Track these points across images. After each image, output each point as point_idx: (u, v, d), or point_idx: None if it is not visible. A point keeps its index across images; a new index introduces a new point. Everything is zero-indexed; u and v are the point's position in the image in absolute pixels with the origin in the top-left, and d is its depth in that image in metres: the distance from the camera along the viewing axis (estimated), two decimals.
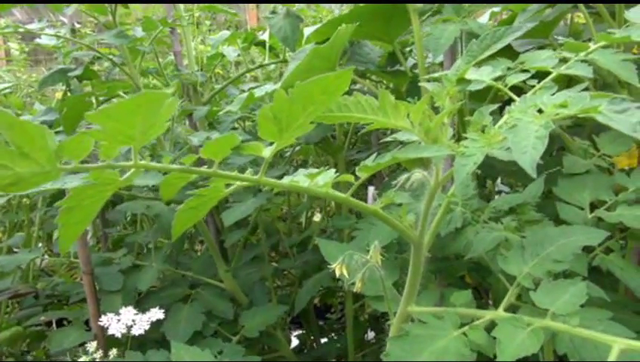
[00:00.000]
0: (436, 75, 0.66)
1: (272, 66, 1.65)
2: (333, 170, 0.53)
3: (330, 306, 1.86)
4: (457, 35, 0.82)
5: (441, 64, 0.96)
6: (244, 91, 1.16)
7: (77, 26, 1.68)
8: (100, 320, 0.83)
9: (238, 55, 1.54)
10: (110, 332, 0.82)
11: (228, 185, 0.54)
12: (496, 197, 0.89)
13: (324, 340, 1.56)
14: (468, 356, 0.50)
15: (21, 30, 1.25)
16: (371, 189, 0.96)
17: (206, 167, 0.49)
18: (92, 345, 0.80)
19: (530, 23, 0.78)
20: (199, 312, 1.18)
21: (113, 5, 1.21)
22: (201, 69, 1.54)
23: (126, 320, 0.84)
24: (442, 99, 0.55)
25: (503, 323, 0.51)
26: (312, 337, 1.59)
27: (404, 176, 0.59)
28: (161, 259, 1.26)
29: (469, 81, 0.62)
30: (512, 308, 0.58)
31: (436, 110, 0.55)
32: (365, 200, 0.87)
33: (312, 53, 0.93)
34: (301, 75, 0.94)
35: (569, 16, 1.11)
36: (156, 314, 0.87)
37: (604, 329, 0.51)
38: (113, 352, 0.83)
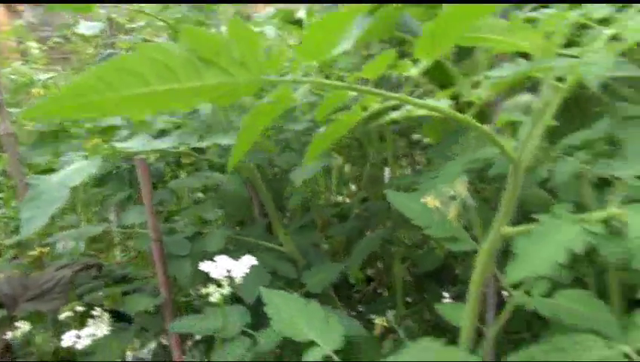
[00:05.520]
0: None
1: None
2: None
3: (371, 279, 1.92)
4: None
5: None
6: None
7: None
8: (200, 266, 0.88)
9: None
10: (212, 276, 0.88)
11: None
12: None
13: None
14: (592, 244, 0.56)
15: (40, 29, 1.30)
16: None
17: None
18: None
19: None
20: (267, 271, 1.24)
21: None
22: None
23: (224, 266, 0.89)
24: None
25: (630, 207, 0.56)
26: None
27: (512, 99, 0.66)
28: (222, 226, 1.32)
29: None
30: None
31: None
32: None
33: None
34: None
35: None
36: (250, 260, 0.92)
37: None
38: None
